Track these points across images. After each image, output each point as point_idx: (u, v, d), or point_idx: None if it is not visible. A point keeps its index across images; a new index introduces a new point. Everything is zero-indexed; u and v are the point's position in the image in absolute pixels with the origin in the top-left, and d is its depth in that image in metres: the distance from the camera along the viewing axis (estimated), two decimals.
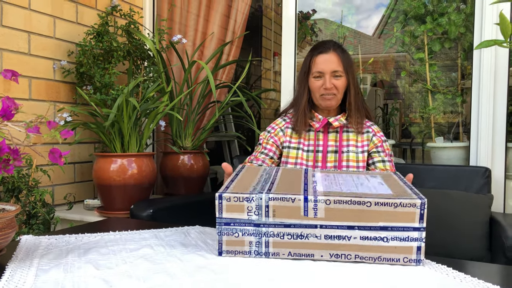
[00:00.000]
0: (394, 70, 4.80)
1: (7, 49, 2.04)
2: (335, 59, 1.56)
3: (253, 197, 1.00)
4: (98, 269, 0.95)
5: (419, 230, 0.98)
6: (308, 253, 1.01)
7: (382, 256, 0.99)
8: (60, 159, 0.95)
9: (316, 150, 1.62)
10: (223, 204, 1.01)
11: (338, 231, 0.99)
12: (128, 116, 2.00)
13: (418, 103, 3.75)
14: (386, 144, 1.65)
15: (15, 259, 1.02)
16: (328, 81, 1.55)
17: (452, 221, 1.86)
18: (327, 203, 0.98)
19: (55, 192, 2.26)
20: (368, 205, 0.98)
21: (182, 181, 2.43)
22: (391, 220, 0.98)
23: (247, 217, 1.01)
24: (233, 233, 1.02)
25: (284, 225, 1.00)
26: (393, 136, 4.06)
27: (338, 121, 1.61)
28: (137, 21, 2.40)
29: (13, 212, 0.99)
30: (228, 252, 1.04)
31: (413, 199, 0.98)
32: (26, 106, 2.11)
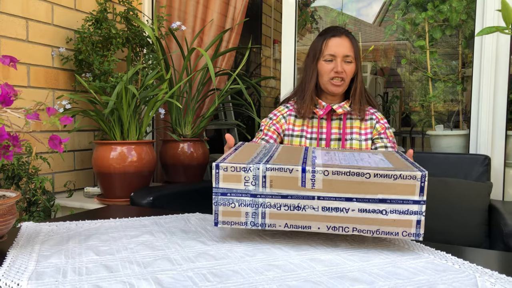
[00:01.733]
0: (395, 58, 4.77)
1: (5, 36, 2.02)
2: (348, 44, 1.56)
3: (250, 167, 1.00)
4: (98, 255, 0.96)
5: (419, 203, 0.97)
6: (305, 225, 1.01)
7: (381, 229, 0.99)
8: (60, 146, 0.95)
9: (320, 138, 1.61)
10: (220, 173, 1.01)
11: (336, 203, 0.99)
12: (127, 104, 1.99)
13: (419, 91, 3.74)
14: (390, 131, 1.64)
15: (16, 245, 1.02)
16: (339, 64, 1.55)
17: (451, 208, 1.86)
18: (325, 174, 0.98)
19: (55, 180, 2.26)
20: (367, 177, 0.97)
21: (182, 169, 2.43)
22: (390, 192, 0.97)
23: (244, 187, 1.01)
24: (229, 203, 1.02)
25: (281, 196, 1.00)
26: (393, 124, 4.06)
27: (342, 108, 1.60)
28: (136, 8, 2.38)
29: (14, 199, 0.99)
30: (224, 222, 1.03)
31: (414, 171, 0.97)
32: (25, 93, 2.10)
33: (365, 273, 0.88)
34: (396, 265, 0.93)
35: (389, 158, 1.12)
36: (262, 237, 1.12)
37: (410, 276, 0.87)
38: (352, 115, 1.63)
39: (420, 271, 0.90)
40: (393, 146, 1.61)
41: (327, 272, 0.89)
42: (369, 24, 5.60)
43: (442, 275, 0.88)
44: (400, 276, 0.87)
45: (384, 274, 0.88)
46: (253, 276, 0.85)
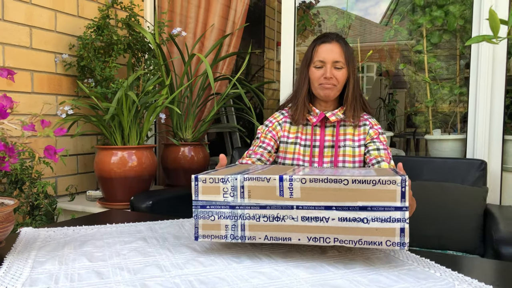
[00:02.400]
0: (400, 60, 4.77)
1: (9, 43, 2.07)
2: (337, 50, 1.56)
3: (228, 178, 1.00)
4: (91, 262, 0.99)
5: (401, 210, 0.93)
6: (285, 236, 0.99)
7: (363, 239, 0.95)
8: (54, 155, 0.99)
9: (313, 145, 1.62)
10: (199, 186, 1.02)
11: (315, 212, 0.97)
12: (128, 110, 2.03)
13: (420, 94, 3.74)
14: (383, 136, 1.64)
15: (13, 251, 1.06)
16: (328, 70, 1.55)
17: (446, 213, 1.88)
18: (303, 182, 0.97)
19: (58, 183, 2.31)
20: (345, 183, 0.95)
21: (183, 172, 2.47)
22: (370, 199, 0.94)
23: (223, 199, 1.01)
24: (209, 216, 1.02)
25: (259, 206, 1.00)
26: (392, 127, 4.06)
27: (335, 115, 1.61)
28: (137, 14, 2.42)
29: (11, 207, 1.03)
30: (204, 236, 1.02)
31: (393, 176, 0.95)
32: (29, 99, 2.15)
33: (347, 280, 0.91)
34: (379, 272, 0.96)
35: (378, 170, 1.10)
36: (252, 243, 1.15)
37: (390, 284, 0.90)
38: (345, 122, 1.64)
39: (401, 279, 0.93)
40: (385, 148, 1.61)
41: (309, 279, 0.91)
42: (376, 24, 5.59)
43: (422, 282, 0.90)
44: (380, 284, 0.90)
45: (366, 281, 0.91)
46: (238, 283, 0.88)
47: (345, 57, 1.57)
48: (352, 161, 1.60)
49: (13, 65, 2.08)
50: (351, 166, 1.59)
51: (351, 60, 1.60)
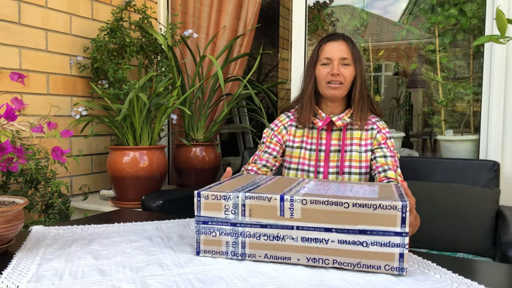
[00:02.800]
0: (416, 59, 4.71)
1: (26, 47, 2.13)
2: (344, 47, 1.55)
3: (230, 195, 1.01)
4: (96, 260, 1.02)
5: (401, 235, 0.94)
6: (284, 256, 1.00)
7: (362, 262, 0.96)
8: (62, 156, 1.02)
9: (319, 149, 1.60)
10: (201, 202, 1.03)
11: (315, 233, 0.98)
12: (139, 111, 2.07)
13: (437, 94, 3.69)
14: (391, 141, 1.60)
15: (23, 248, 1.10)
16: (336, 67, 1.53)
17: (457, 215, 1.86)
18: (303, 203, 0.97)
19: (73, 183, 2.37)
20: (346, 206, 0.95)
21: (194, 172, 2.50)
22: (370, 223, 0.95)
23: (224, 216, 1.02)
24: (210, 232, 1.03)
25: (260, 225, 1.01)
26: (409, 127, 4.01)
27: (342, 120, 1.57)
28: (150, 16, 2.46)
29: (20, 206, 1.06)
30: (206, 252, 1.04)
31: (394, 201, 0.94)
32: (44, 100, 2.20)
33: (344, 281, 0.92)
34: (377, 274, 0.96)
35: (382, 190, 1.09)
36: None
37: (388, 285, 0.90)
38: (352, 126, 1.60)
39: (400, 280, 0.93)
40: (393, 155, 1.57)
41: (307, 279, 0.92)
42: (394, 23, 5.53)
43: (420, 285, 0.90)
44: (377, 285, 0.90)
45: (363, 282, 0.91)
46: (236, 283, 0.90)
47: (352, 55, 1.55)
48: (358, 166, 1.57)
49: (29, 68, 2.14)
50: (358, 171, 1.57)
51: (358, 59, 1.57)
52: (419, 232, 1.90)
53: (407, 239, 0.94)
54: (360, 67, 1.58)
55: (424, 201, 1.90)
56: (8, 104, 0.95)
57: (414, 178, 2.02)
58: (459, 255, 1.80)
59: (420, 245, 1.88)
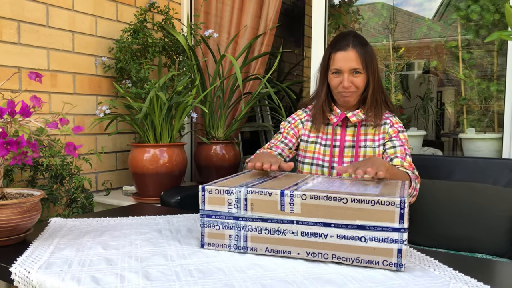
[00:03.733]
0: (446, 57, 4.60)
1: (54, 48, 2.23)
2: (354, 56, 1.52)
3: (232, 190, 1.04)
4: (105, 250, 1.07)
5: (399, 231, 0.94)
6: (284, 249, 1.03)
7: (360, 257, 0.97)
8: (74, 151, 1.08)
9: (334, 145, 1.62)
10: (205, 196, 1.07)
11: (314, 228, 0.99)
12: (159, 109, 2.13)
13: (471, 93, 3.59)
14: (403, 134, 1.60)
15: (40, 238, 1.17)
16: (346, 79, 1.53)
17: (476, 214, 1.82)
18: (303, 198, 0.99)
19: (98, 179, 2.46)
20: (345, 202, 0.97)
21: (214, 170, 2.54)
22: (368, 218, 0.96)
23: (227, 210, 1.05)
24: (214, 225, 1.07)
25: (261, 219, 1.03)
26: (441, 127, 3.92)
27: (356, 116, 1.59)
28: (172, 17, 2.52)
29: (37, 198, 1.13)
30: (210, 244, 1.08)
31: (392, 197, 0.95)
32: (71, 99, 2.30)
33: (341, 275, 0.93)
34: (376, 269, 0.97)
35: (386, 187, 1.09)
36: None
37: (385, 280, 0.90)
38: (367, 122, 1.62)
39: (398, 276, 0.93)
40: (402, 144, 1.56)
41: (305, 272, 0.94)
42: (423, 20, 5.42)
43: (417, 280, 0.90)
44: (374, 280, 0.91)
45: (360, 277, 0.92)
46: (234, 274, 0.93)
47: (363, 62, 1.53)
48: None
49: (57, 68, 2.24)
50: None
51: (369, 62, 1.55)
52: (438, 231, 1.87)
53: (406, 235, 0.94)
54: (372, 70, 1.56)
55: (444, 200, 1.87)
56: (24, 101, 1.01)
57: (434, 177, 1.99)
58: (477, 256, 1.77)
59: (438, 245, 1.86)
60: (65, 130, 1.03)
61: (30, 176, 2.02)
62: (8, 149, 0.98)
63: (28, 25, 2.11)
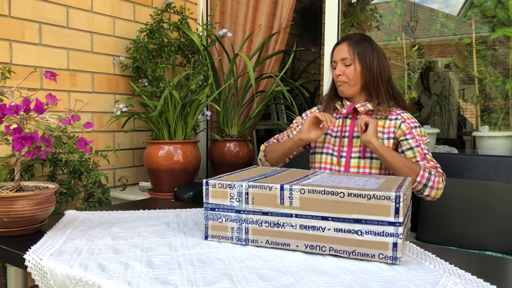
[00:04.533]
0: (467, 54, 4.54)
1: (73, 48, 2.31)
2: (345, 49, 1.65)
3: (234, 184, 1.09)
4: (114, 240, 1.13)
5: (394, 225, 0.96)
6: (284, 242, 1.06)
7: (357, 250, 1.00)
8: (85, 146, 1.14)
9: (343, 135, 1.69)
10: (209, 190, 1.11)
11: (312, 221, 1.03)
12: (173, 107, 2.18)
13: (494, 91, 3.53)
14: (418, 130, 1.62)
15: (54, 228, 1.23)
16: (337, 68, 1.66)
17: (487, 212, 1.81)
18: (302, 192, 1.03)
19: (115, 175, 2.54)
20: (341, 196, 1.00)
21: (228, 167, 2.59)
22: (365, 212, 0.98)
23: (230, 203, 1.09)
24: (217, 218, 1.11)
25: (262, 212, 1.07)
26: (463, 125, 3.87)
27: (364, 106, 1.66)
28: (188, 17, 2.58)
29: (51, 190, 1.19)
30: (213, 236, 1.12)
31: (387, 191, 0.97)
32: (89, 98, 2.38)
33: (336, 267, 0.96)
34: (371, 262, 0.99)
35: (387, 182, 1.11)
36: None
37: (378, 272, 0.93)
38: (377, 115, 1.66)
39: (392, 268, 0.95)
40: (418, 144, 1.58)
41: (301, 264, 0.97)
42: (451, 17, 5.33)
43: (411, 273, 0.92)
44: (368, 272, 0.93)
45: (355, 269, 0.95)
46: (233, 264, 0.97)
47: (353, 53, 1.63)
48: None
49: (76, 68, 2.32)
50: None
51: (362, 55, 1.64)
52: (448, 229, 1.87)
53: (401, 229, 0.96)
54: (365, 62, 1.64)
55: (455, 198, 1.87)
56: (38, 99, 1.07)
57: (446, 175, 1.97)
58: (487, 254, 1.76)
59: (448, 242, 1.86)
60: (76, 126, 1.09)
61: (50, 171, 2.11)
62: (23, 144, 1.04)
63: (49, 26, 2.19)
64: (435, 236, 1.89)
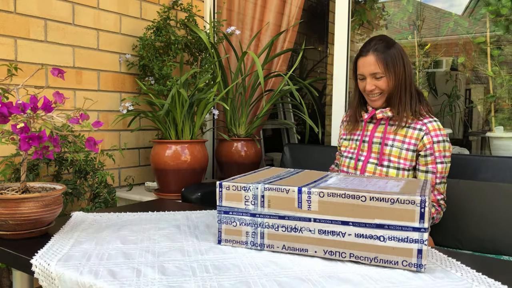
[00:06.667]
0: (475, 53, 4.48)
1: (79, 46, 2.27)
2: (373, 61, 1.57)
3: (249, 187, 1.04)
4: (124, 244, 1.09)
5: (419, 231, 0.92)
6: (301, 247, 1.01)
7: (379, 257, 0.95)
8: (94, 146, 1.09)
9: (363, 140, 1.68)
10: (223, 192, 1.07)
11: (332, 226, 0.98)
12: (180, 106, 2.14)
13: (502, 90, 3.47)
14: (440, 145, 1.56)
15: (61, 231, 1.19)
16: (368, 83, 1.60)
17: (503, 215, 1.76)
18: (321, 196, 0.98)
19: (121, 174, 2.50)
20: (363, 200, 0.95)
21: (236, 166, 2.55)
22: (388, 217, 0.93)
23: (244, 206, 1.05)
24: (231, 222, 1.06)
25: (278, 216, 1.02)
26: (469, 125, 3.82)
27: (383, 113, 1.63)
28: (195, 14, 2.53)
29: (58, 192, 1.15)
30: (227, 241, 1.08)
31: (413, 195, 0.92)
32: (95, 96, 2.34)
33: (358, 274, 0.91)
34: (394, 269, 0.94)
35: (407, 185, 1.07)
36: None
37: (403, 281, 0.88)
38: (399, 121, 1.61)
39: (417, 277, 0.91)
40: (435, 171, 1.56)
41: (321, 271, 0.93)
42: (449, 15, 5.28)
43: (438, 281, 0.88)
44: (393, 280, 0.89)
45: (378, 277, 0.90)
46: (250, 271, 0.92)
47: (384, 65, 1.57)
48: (397, 161, 1.59)
49: (82, 65, 2.28)
50: (396, 165, 1.59)
51: (392, 64, 1.57)
52: (462, 231, 1.82)
53: (426, 235, 0.92)
54: (397, 71, 1.59)
55: (469, 200, 1.82)
56: (46, 97, 1.03)
57: (460, 176, 1.93)
58: (503, 258, 1.71)
59: (463, 246, 1.81)
60: (85, 125, 1.05)
61: (55, 171, 2.07)
62: (30, 144, 1.00)
63: (55, 23, 2.15)
64: (449, 239, 1.84)
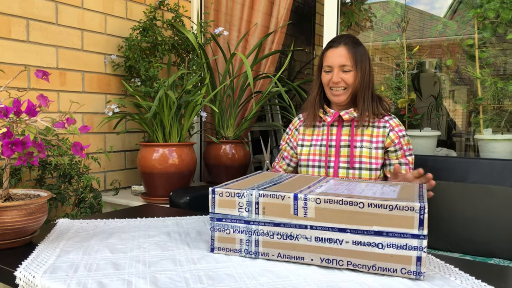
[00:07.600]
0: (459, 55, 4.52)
1: (63, 46, 2.21)
2: (344, 53, 1.56)
3: (243, 193, 1.01)
4: (113, 253, 1.04)
5: (418, 238, 0.89)
6: (298, 255, 0.98)
7: (377, 264, 0.93)
8: (81, 151, 1.05)
9: (329, 144, 1.63)
10: (215, 199, 1.03)
11: (329, 233, 0.95)
12: (168, 108, 2.10)
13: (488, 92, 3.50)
14: (405, 139, 1.61)
15: (46, 240, 1.14)
16: (335, 75, 1.56)
17: (494, 217, 1.76)
18: (317, 202, 0.95)
19: (107, 178, 2.44)
20: (361, 206, 0.92)
21: (224, 169, 2.51)
22: (386, 224, 0.91)
23: (238, 213, 1.01)
24: (224, 229, 1.03)
25: (273, 223, 0.99)
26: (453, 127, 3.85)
27: (349, 114, 1.60)
28: (182, 15, 2.49)
29: (43, 199, 1.10)
30: (220, 249, 1.04)
31: (411, 202, 0.90)
32: (80, 98, 2.28)
33: (357, 283, 0.89)
34: (393, 277, 0.92)
35: (403, 190, 1.05)
36: None
37: None
38: (364, 122, 1.61)
39: (416, 285, 0.89)
40: (407, 162, 1.59)
41: (318, 280, 0.90)
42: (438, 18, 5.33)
43: None
44: None
45: (377, 285, 0.88)
46: (245, 281, 0.89)
47: (353, 60, 1.56)
48: (368, 162, 1.58)
49: (66, 66, 2.22)
50: (368, 166, 1.58)
51: (361, 61, 1.57)
52: (453, 234, 1.82)
53: (425, 242, 0.90)
54: (362, 69, 1.58)
55: (459, 202, 1.83)
56: (30, 100, 0.98)
57: (449, 179, 1.93)
58: (494, 261, 1.71)
59: (453, 248, 1.81)
60: (72, 130, 1.00)
61: (38, 175, 2.00)
62: (14, 150, 0.95)
63: (37, 23, 2.09)
64: (440, 242, 1.84)
